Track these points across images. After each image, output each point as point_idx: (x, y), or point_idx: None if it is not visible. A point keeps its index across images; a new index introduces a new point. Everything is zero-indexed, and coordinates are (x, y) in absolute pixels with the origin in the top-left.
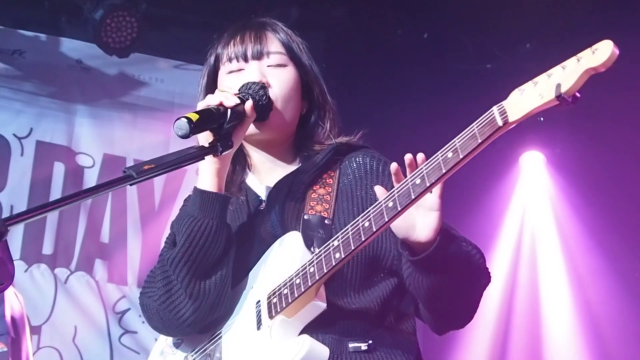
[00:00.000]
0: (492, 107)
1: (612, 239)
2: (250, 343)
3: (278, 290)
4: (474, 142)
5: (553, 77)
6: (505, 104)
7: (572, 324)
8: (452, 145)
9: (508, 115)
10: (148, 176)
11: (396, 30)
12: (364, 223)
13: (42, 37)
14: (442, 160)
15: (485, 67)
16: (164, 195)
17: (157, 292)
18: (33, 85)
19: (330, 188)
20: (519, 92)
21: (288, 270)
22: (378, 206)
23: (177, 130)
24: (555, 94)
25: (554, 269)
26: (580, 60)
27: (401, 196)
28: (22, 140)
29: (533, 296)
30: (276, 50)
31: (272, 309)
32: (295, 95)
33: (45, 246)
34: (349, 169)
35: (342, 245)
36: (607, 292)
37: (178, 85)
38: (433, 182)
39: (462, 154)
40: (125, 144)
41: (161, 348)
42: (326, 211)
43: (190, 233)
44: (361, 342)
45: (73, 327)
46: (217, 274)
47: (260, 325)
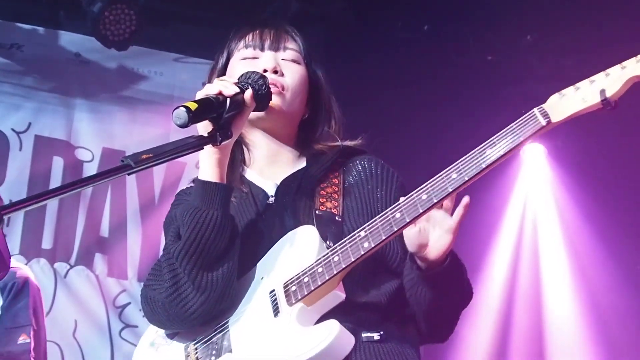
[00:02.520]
0: (532, 109)
1: (613, 231)
2: (266, 330)
3: (297, 279)
4: (515, 141)
5: (596, 84)
6: (545, 107)
7: (574, 314)
8: (490, 142)
9: (550, 116)
10: (146, 165)
11: (396, 23)
12: (395, 214)
13: (40, 30)
14: (479, 155)
15: (485, 59)
16: (164, 188)
17: (163, 285)
18: (31, 80)
19: (336, 187)
20: (559, 95)
21: (305, 261)
22: (410, 199)
23: (175, 119)
24: (601, 98)
25: (555, 261)
26: (624, 68)
27: (435, 189)
28: (20, 135)
29: (535, 288)
30: (292, 47)
31: (292, 296)
32: (303, 92)
33: (44, 241)
34: (353, 170)
35: (370, 235)
36: (609, 283)
37: (177, 79)
38: (472, 176)
39: (502, 151)
40: (125, 137)
41: (151, 339)
42: (335, 208)
43: (196, 225)
44: (374, 332)
45: (73, 322)
46: (224, 266)
47: (277, 313)
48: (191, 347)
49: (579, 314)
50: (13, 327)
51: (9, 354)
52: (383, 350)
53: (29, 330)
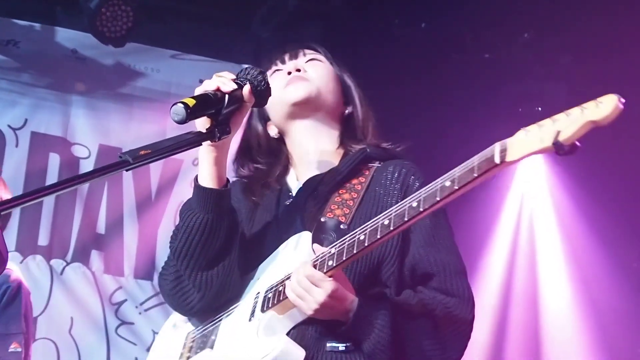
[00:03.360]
0: (495, 143)
1: (610, 228)
2: (240, 332)
3: (275, 286)
4: (470, 176)
5: (556, 123)
6: (508, 142)
7: (571, 313)
8: (451, 175)
9: (507, 153)
10: (144, 162)
11: (393, 20)
12: (360, 236)
13: (36, 26)
14: (439, 188)
15: (483, 57)
16: (160, 185)
17: (169, 277)
18: (28, 76)
19: (356, 194)
20: (524, 132)
21: (291, 268)
22: (374, 222)
23: (173, 115)
24: (553, 141)
25: (552, 259)
26: (583, 110)
27: (396, 216)
28: (16, 131)
29: (531, 286)
30: (312, 52)
31: (266, 303)
32: (332, 84)
33: (40, 237)
34: (381, 176)
35: (336, 254)
36: (606, 281)
37: (174, 76)
38: (427, 208)
39: (457, 185)
40: (121, 134)
41: (174, 321)
42: (344, 216)
43: (187, 227)
44: (340, 343)
45: (69, 319)
46: (219, 265)
47: (252, 317)
48: (190, 335)
49: (575, 313)
50: (5, 333)
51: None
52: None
53: (21, 338)
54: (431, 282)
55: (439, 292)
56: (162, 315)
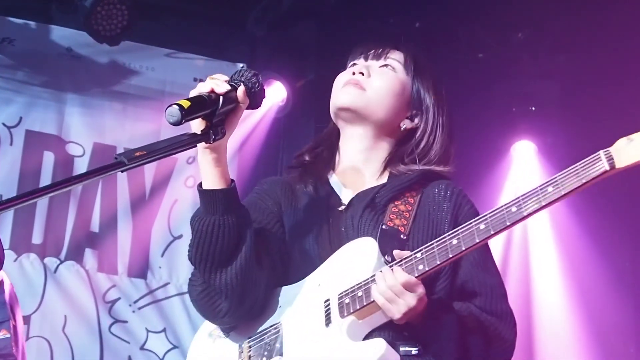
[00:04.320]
0: (598, 151)
1: (602, 228)
2: (317, 339)
3: (352, 292)
4: (577, 182)
5: None
6: (612, 150)
7: (564, 312)
8: (553, 180)
9: (615, 161)
10: (139, 163)
11: (388, 19)
12: (452, 241)
13: (31, 24)
14: (541, 192)
15: (477, 56)
16: (155, 184)
17: (198, 288)
18: (23, 74)
19: (410, 207)
20: (627, 140)
21: (361, 274)
22: (468, 227)
23: (168, 117)
24: None
25: (545, 259)
26: None
27: (494, 221)
28: (11, 130)
29: (525, 286)
30: (395, 57)
31: (345, 308)
32: (395, 96)
33: (34, 235)
34: (431, 192)
35: (426, 258)
36: (599, 281)
37: (169, 74)
38: (530, 212)
39: (564, 191)
40: (116, 132)
41: (210, 330)
42: (403, 226)
43: (196, 234)
44: (412, 347)
45: (63, 317)
46: (236, 263)
47: (329, 323)
48: (245, 344)
49: (568, 312)
50: None
51: None
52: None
53: (8, 325)
54: (477, 300)
55: (485, 312)
56: (156, 314)
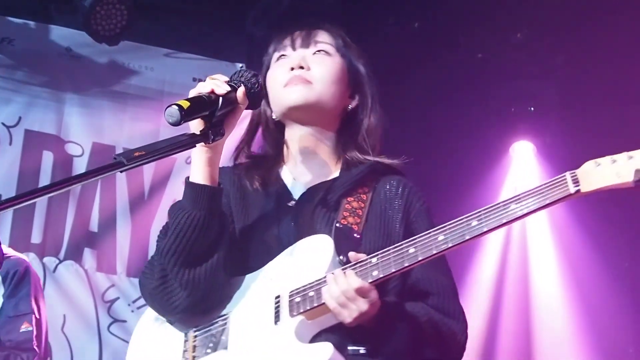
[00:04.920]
0: (564, 173)
1: (601, 229)
2: (263, 336)
3: (303, 291)
4: (540, 202)
5: (633, 161)
6: (578, 173)
7: (562, 311)
8: (516, 198)
9: (581, 184)
10: (138, 163)
11: (387, 19)
12: (409, 249)
13: (31, 24)
14: (503, 209)
15: (476, 56)
16: (154, 183)
17: (154, 277)
18: (22, 74)
19: (363, 204)
20: (594, 164)
21: (314, 272)
22: (427, 236)
23: (168, 117)
24: (634, 179)
25: (544, 259)
26: None
27: (453, 234)
28: (10, 129)
29: (523, 285)
30: (323, 40)
31: (295, 307)
32: (339, 82)
33: (33, 235)
34: (382, 189)
35: (380, 264)
36: (597, 280)
37: (168, 74)
38: (491, 228)
39: (526, 210)
40: (115, 132)
41: (157, 314)
42: (357, 225)
43: (178, 225)
44: (360, 346)
45: (62, 316)
46: (207, 263)
47: (278, 321)
48: (191, 333)
49: (567, 312)
50: (15, 315)
51: (11, 343)
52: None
53: (31, 318)
54: (429, 300)
55: (438, 311)
56: None
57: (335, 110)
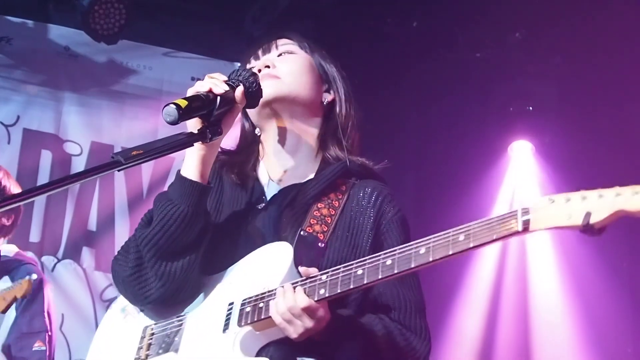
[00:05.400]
0: (517, 209)
1: None
2: (212, 342)
3: (254, 301)
4: (489, 237)
5: (587, 202)
6: (531, 209)
7: (561, 311)
8: (466, 229)
9: (531, 222)
10: (136, 162)
11: (385, 19)
12: (357, 270)
13: (29, 23)
14: (452, 240)
15: (474, 56)
16: (152, 183)
17: (128, 264)
18: (20, 73)
19: (334, 211)
20: (548, 200)
21: (270, 282)
22: (375, 259)
23: (165, 116)
24: (583, 223)
25: (542, 259)
26: (618, 196)
27: (401, 260)
28: (9, 128)
29: (522, 285)
30: (284, 43)
31: (244, 318)
32: (308, 75)
33: (32, 234)
34: (356, 196)
35: (329, 283)
36: (596, 281)
37: (166, 73)
38: (437, 258)
39: (473, 244)
40: (113, 131)
41: (124, 305)
42: (323, 233)
43: (164, 217)
44: (309, 357)
45: (60, 315)
46: (185, 259)
47: (226, 329)
48: (149, 330)
49: (566, 312)
50: (29, 332)
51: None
52: None
53: (44, 336)
54: (390, 314)
55: (399, 324)
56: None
57: (310, 102)
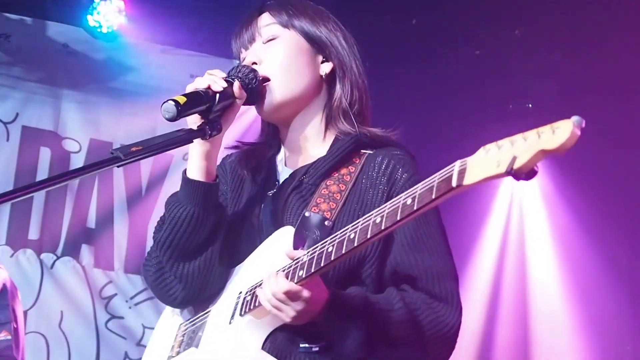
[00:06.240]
0: (455, 161)
1: (599, 224)
2: (221, 335)
3: (253, 289)
4: (429, 196)
5: (514, 147)
6: (468, 162)
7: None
8: (412, 192)
9: (465, 176)
10: (136, 158)
11: (384, 16)
12: (328, 247)
13: (28, 20)
14: (401, 205)
15: (473, 53)
16: (151, 180)
17: (152, 269)
18: (19, 70)
19: (344, 186)
20: (484, 151)
21: (270, 266)
22: (342, 232)
23: (164, 112)
24: (507, 169)
25: (542, 255)
26: (540, 136)
27: (360, 231)
28: (7, 125)
29: (521, 282)
30: (266, 24)
31: (245, 306)
32: (297, 62)
33: (31, 231)
34: (368, 167)
35: (307, 262)
36: (596, 279)
37: (165, 70)
38: (388, 226)
39: (417, 206)
40: (112, 129)
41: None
42: (330, 211)
43: (173, 218)
44: (313, 344)
45: (59, 313)
46: (202, 257)
47: (232, 320)
48: (182, 327)
49: (565, 310)
50: None
51: None
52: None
53: (10, 327)
54: (415, 285)
55: (424, 294)
56: (152, 310)
57: (307, 90)
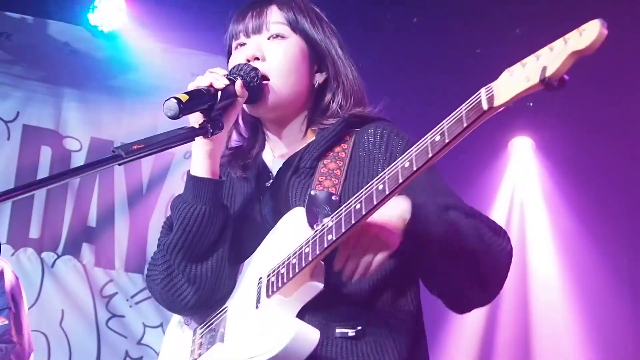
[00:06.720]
0: (481, 89)
1: (600, 224)
2: (250, 320)
3: (277, 269)
4: (460, 127)
5: (541, 59)
6: (494, 86)
7: (561, 308)
8: (440, 128)
9: (495, 98)
10: (137, 156)
11: (385, 14)
12: (356, 205)
13: (29, 19)
14: (429, 143)
15: (474, 52)
16: (152, 178)
17: (159, 277)
18: (20, 69)
19: (341, 162)
20: (508, 73)
21: (289, 247)
22: (368, 189)
23: (166, 110)
24: (540, 78)
25: (542, 253)
26: (567, 41)
27: (390, 179)
28: (8, 124)
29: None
30: (276, 20)
31: (270, 288)
32: (299, 67)
33: (32, 230)
34: (360, 141)
35: (334, 226)
36: (597, 278)
37: (166, 69)
38: (420, 166)
39: (448, 138)
40: (113, 127)
41: (179, 318)
42: (334, 187)
43: (184, 219)
44: (349, 328)
45: (60, 311)
46: (214, 257)
47: (258, 304)
48: (199, 330)
49: (566, 309)
50: None
51: None
52: (357, 348)
53: (7, 312)
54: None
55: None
56: (153, 309)
57: (300, 95)
